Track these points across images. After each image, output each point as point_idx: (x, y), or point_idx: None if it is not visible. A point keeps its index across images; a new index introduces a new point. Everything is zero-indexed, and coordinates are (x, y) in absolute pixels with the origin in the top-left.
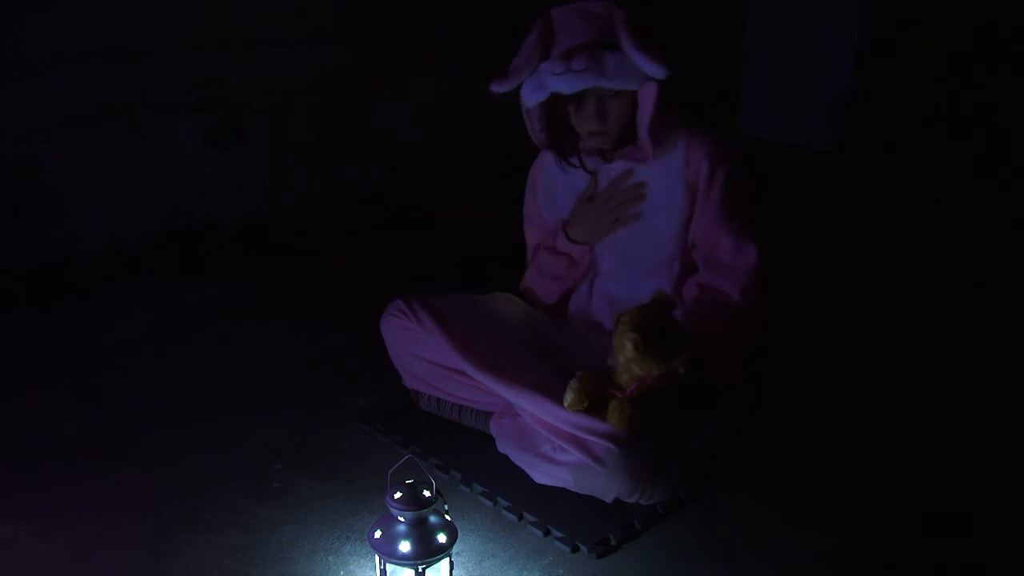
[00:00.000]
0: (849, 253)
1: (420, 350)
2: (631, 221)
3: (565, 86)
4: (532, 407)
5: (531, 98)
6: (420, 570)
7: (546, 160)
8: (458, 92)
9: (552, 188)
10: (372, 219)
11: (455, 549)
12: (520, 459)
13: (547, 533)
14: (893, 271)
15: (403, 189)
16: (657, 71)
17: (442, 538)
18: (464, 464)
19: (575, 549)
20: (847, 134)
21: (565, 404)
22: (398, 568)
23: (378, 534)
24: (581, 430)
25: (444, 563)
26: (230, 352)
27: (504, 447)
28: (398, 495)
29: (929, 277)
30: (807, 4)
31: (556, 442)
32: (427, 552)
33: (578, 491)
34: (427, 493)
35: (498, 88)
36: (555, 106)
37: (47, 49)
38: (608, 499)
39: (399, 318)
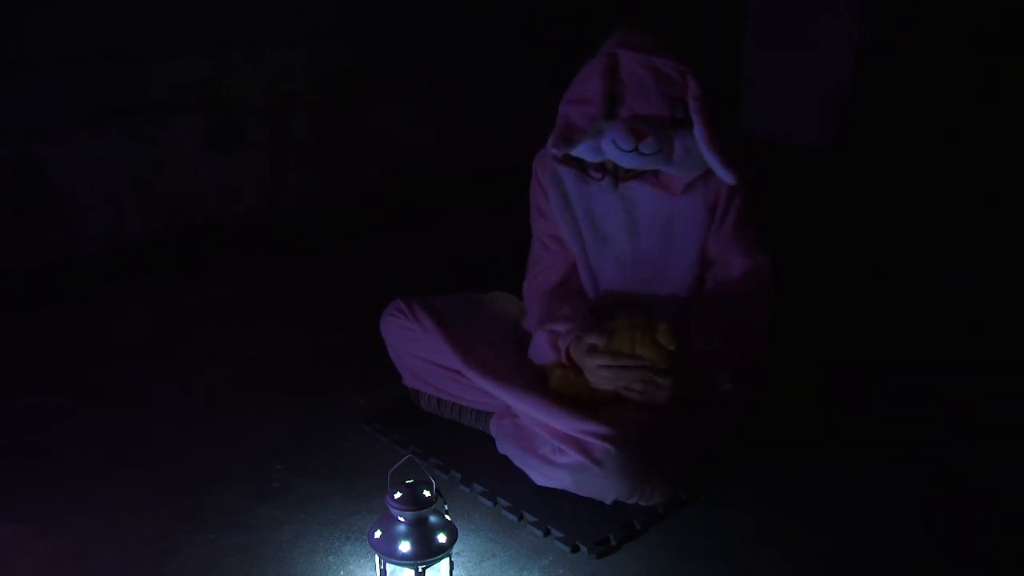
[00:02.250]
0: (849, 253)
1: (420, 350)
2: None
3: (628, 163)
4: (530, 408)
5: (586, 155)
6: (420, 570)
7: (548, 168)
8: (458, 92)
9: (564, 196)
10: (372, 219)
11: (455, 549)
12: (519, 459)
13: (547, 533)
14: (893, 270)
15: (403, 189)
16: (730, 179)
17: (442, 538)
18: (464, 464)
19: (575, 549)
20: (847, 134)
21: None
22: (398, 568)
23: (378, 534)
24: (580, 432)
25: (444, 563)
26: (230, 352)
27: (504, 448)
28: (398, 495)
29: (928, 276)
30: (807, 4)
31: (555, 444)
32: (427, 552)
33: (578, 492)
34: (427, 493)
35: (559, 152)
36: None
37: (47, 49)
38: (607, 500)
39: (399, 318)
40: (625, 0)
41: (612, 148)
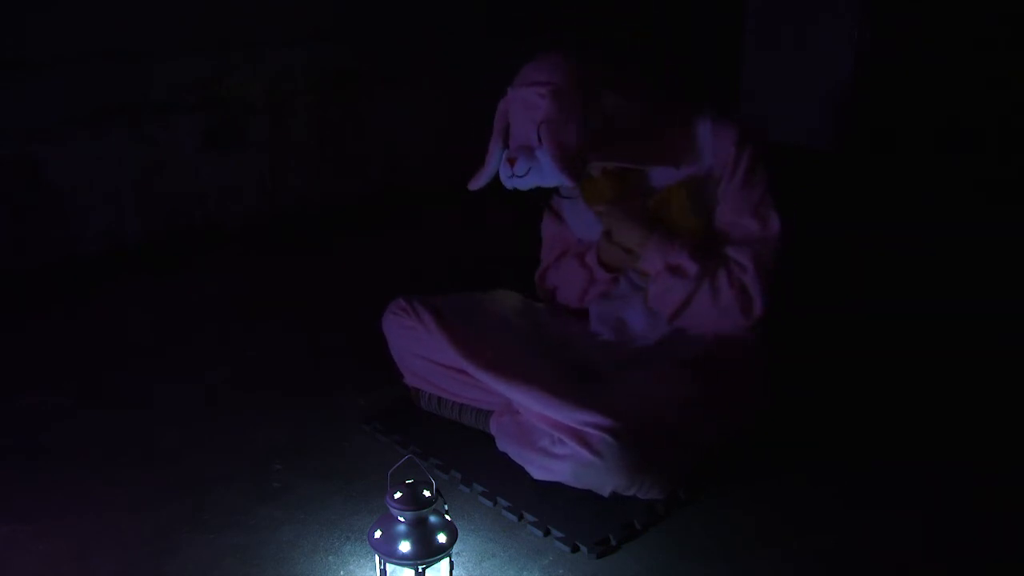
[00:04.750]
0: (849, 253)
1: (421, 348)
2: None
3: (519, 186)
4: (531, 402)
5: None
6: (420, 570)
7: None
8: (458, 92)
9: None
10: (372, 219)
11: (455, 549)
12: (519, 455)
13: (547, 533)
14: (892, 270)
15: (403, 189)
16: (563, 180)
17: (442, 538)
18: (464, 464)
19: (575, 549)
20: (847, 134)
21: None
22: (398, 568)
23: (378, 534)
24: (579, 423)
25: (444, 563)
26: (230, 352)
27: (503, 445)
28: (398, 495)
29: (928, 276)
30: (807, 4)
31: (555, 435)
32: (427, 552)
33: (576, 485)
34: (427, 493)
35: (475, 186)
36: None
37: (47, 49)
38: (605, 492)
39: (400, 316)
40: (625, 0)
41: (504, 180)
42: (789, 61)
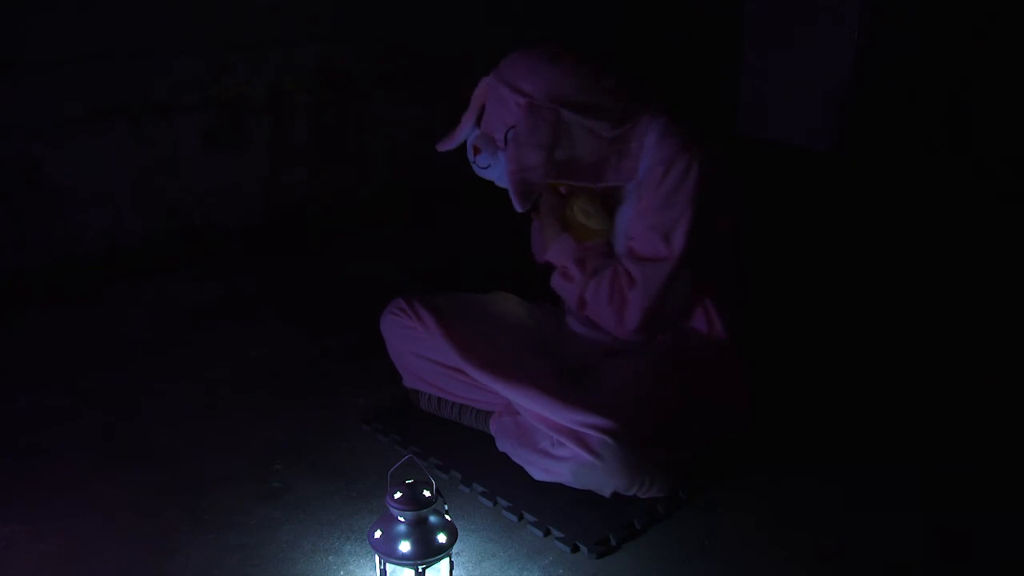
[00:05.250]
0: (849, 253)
1: (420, 349)
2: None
3: (479, 174)
4: (530, 403)
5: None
6: (420, 570)
7: None
8: (458, 92)
9: None
10: (372, 219)
11: (455, 549)
12: (519, 456)
13: (547, 533)
14: (893, 271)
15: (403, 189)
16: (516, 205)
17: (442, 538)
18: (464, 464)
19: (575, 549)
20: (847, 134)
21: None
22: (398, 568)
23: (378, 534)
24: (578, 424)
25: (444, 563)
26: (230, 352)
27: (503, 445)
28: (398, 495)
29: (929, 277)
30: (807, 4)
31: (554, 437)
32: (427, 552)
33: (577, 486)
34: (427, 493)
35: (441, 148)
36: None
37: (47, 49)
38: (606, 493)
39: (400, 317)
40: (625, 3)
41: (469, 159)
42: (789, 61)
